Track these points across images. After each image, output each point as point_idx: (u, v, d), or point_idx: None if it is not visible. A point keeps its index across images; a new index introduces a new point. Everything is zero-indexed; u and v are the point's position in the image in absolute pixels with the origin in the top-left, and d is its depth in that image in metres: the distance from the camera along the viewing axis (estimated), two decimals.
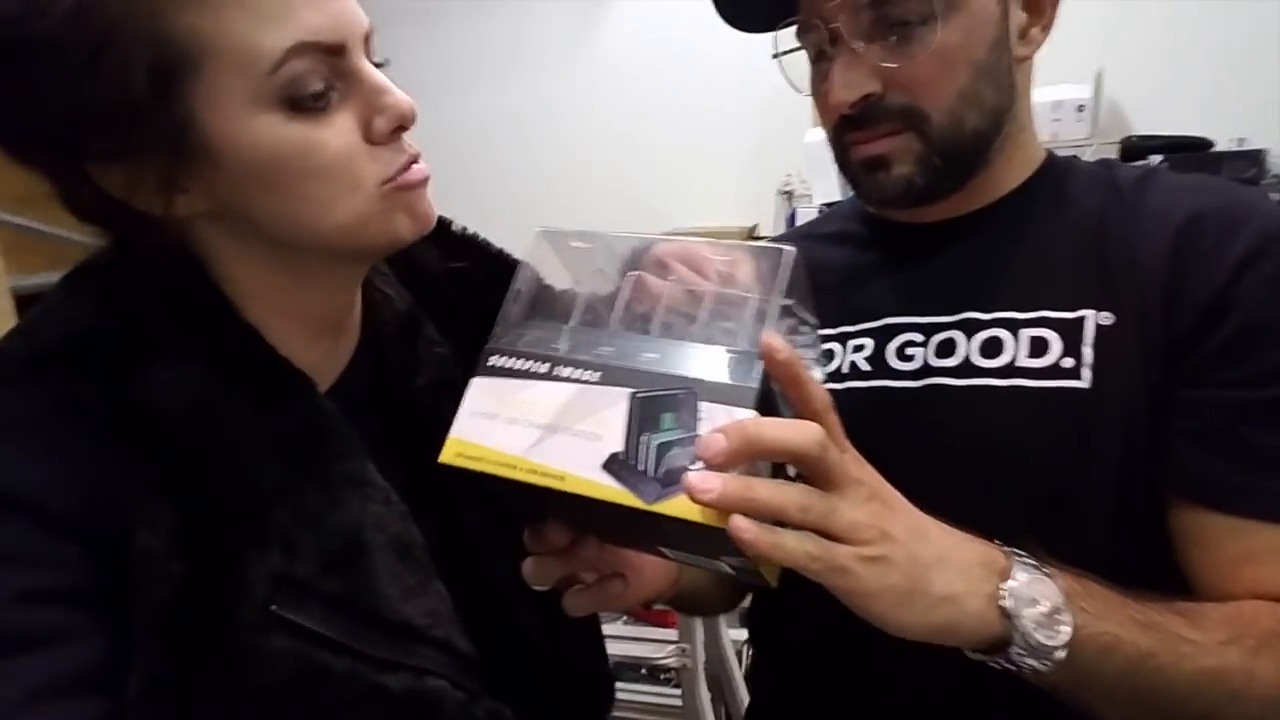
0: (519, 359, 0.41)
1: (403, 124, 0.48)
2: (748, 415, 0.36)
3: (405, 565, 0.51)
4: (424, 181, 0.50)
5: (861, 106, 0.63)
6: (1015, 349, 0.63)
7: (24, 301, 1.67)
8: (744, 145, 3.07)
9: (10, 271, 1.71)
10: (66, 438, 0.44)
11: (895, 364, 0.68)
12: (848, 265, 0.75)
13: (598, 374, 0.39)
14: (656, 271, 0.44)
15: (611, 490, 0.36)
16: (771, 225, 2.79)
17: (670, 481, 0.35)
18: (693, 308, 0.41)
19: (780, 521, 0.37)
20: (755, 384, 0.37)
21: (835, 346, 0.71)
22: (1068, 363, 0.61)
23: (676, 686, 1.59)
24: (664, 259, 0.45)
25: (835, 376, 0.70)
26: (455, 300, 0.63)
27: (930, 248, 0.70)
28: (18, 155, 0.46)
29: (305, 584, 0.47)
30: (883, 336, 0.69)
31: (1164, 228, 0.61)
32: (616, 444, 0.37)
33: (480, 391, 0.40)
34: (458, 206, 0.62)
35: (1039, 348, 0.62)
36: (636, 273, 0.43)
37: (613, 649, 1.73)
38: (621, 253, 0.45)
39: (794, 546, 0.37)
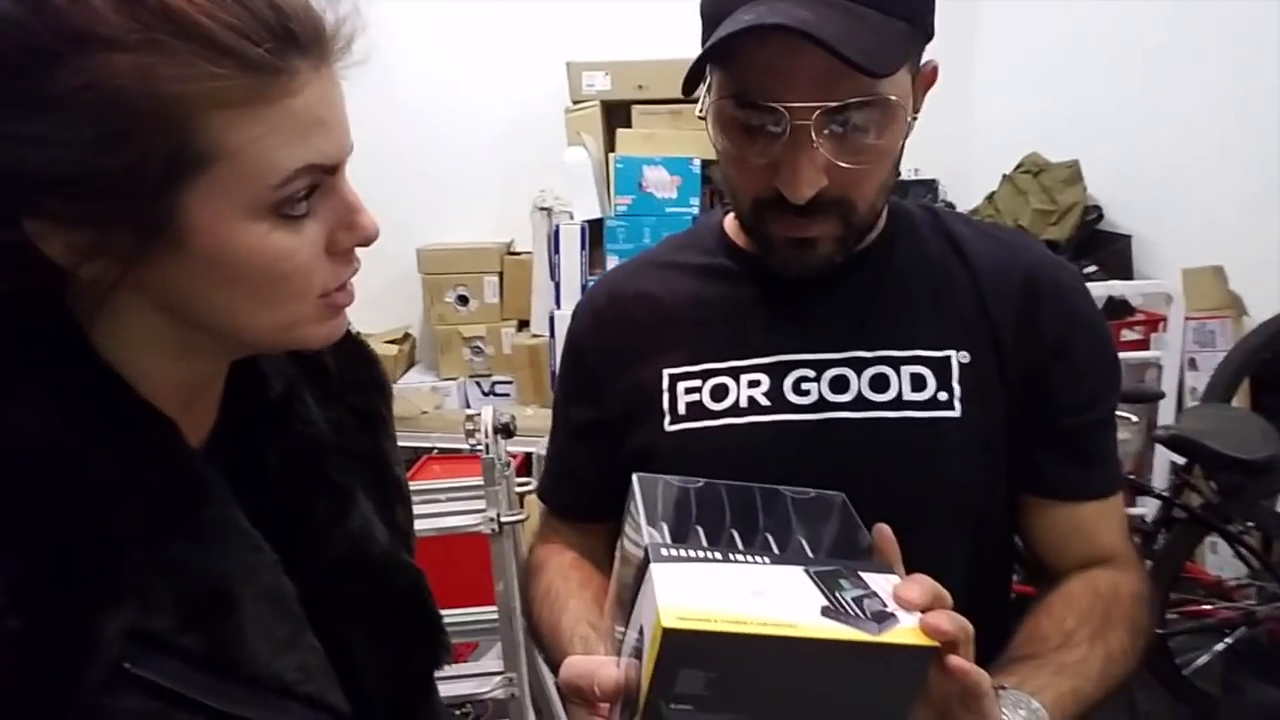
0: (688, 549, 0.48)
1: (364, 244, 0.50)
2: (895, 579, 0.49)
3: (276, 617, 0.50)
4: (350, 302, 0.53)
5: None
6: (900, 384, 0.73)
7: None
8: (497, 163, 3.05)
9: None
10: None
11: (793, 398, 0.74)
12: (726, 300, 0.79)
13: (766, 559, 0.48)
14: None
15: (840, 630, 0.43)
16: (530, 241, 2.81)
17: (881, 619, 0.44)
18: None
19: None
20: (892, 572, 0.50)
21: (727, 381, 0.76)
22: (943, 395, 0.72)
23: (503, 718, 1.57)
24: None
25: (734, 411, 0.75)
26: (336, 373, 0.64)
27: (808, 290, 0.75)
28: None
29: (162, 639, 0.45)
30: (777, 372, 0.74)
31: (1007, 285, 0.75)
32: (820, 600, 0.45)
33: (667, 574, 0.45)
34: None
35: (919, 383, 0.73)
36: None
37: (440, 690, 1.66)
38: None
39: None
